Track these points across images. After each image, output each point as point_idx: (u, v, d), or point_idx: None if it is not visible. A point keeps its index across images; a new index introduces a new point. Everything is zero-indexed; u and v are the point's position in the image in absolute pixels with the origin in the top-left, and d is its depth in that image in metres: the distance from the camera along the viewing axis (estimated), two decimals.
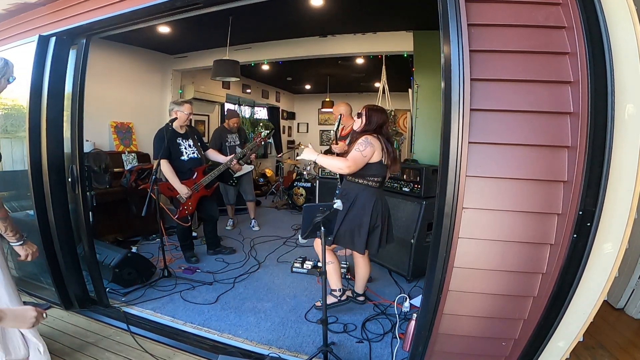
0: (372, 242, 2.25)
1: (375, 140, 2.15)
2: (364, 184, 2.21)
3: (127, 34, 2.33)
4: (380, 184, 2.26)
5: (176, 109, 3.09)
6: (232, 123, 4.29)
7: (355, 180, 2.22)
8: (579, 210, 1.25)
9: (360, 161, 2.10)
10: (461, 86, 1.29)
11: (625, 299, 2.53)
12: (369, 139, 2.13)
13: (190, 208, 3.18)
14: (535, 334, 1.42)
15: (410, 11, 3.27)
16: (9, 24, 2.50)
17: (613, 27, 1.21)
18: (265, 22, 3.66)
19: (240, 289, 2.83)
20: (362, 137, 2.15)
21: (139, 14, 1.98)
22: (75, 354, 1.96)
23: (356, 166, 2.10)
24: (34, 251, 1.69)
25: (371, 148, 2.11)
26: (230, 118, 4.30)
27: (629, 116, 1.21)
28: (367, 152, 2.10)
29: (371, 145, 2.11)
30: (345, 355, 2.03)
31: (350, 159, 2.10)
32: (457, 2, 1.29)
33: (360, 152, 2.10)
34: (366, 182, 2.21)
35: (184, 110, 3.10)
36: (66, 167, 2.28)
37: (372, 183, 2.21)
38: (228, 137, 4.26)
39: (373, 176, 2.20)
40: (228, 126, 4.31)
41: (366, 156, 2.11)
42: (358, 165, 2.10)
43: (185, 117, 3.11)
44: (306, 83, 7.98)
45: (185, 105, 3.14)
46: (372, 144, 2.12)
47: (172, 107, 3.14)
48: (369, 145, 2.11)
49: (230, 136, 4.28)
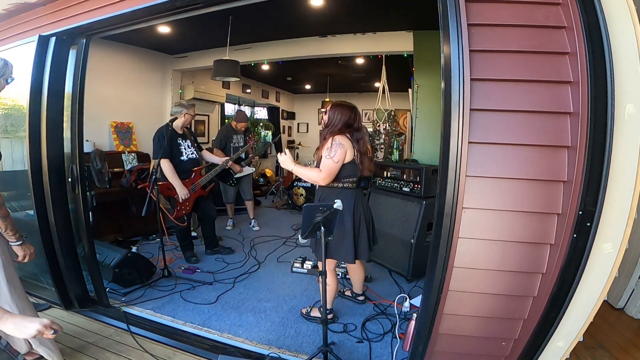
0: (361, 248, 2.15)
1: (345, 140, 2.03)
2: (339, 187, 2.11)
3: (127, 33, 2.33)
4: (357, 184, 2.16)
5: (185, 111, 3.10)
6: (240, 126, 4.29)
7: (331, 185, 2.11)
8: (579, 210, 1.25)
9: (333, 168, 2.01)
10: (461, 86, 1.29)
11: (625, 299, 2.53)
12: (337, 140, 2.02)
13: (187, 208, 3.18)
14: (535, 333, 1.42)
15: (410, 11, 3.27)
16: (9, 24, 2.50)
17: (613, 27, 1.21)
18: (265, 22, 3.67)
19: (240, 289, 2.83)
20: (328, 141, 2.04)
21: (139, 14, 1.98)
22: (75, 354, 1.96)
23: (331, 175, 2.02)
24: (32, 252, 1.69)
25: (341, 150, 2.00)
26: (240, 121, 4.29)
27: (629, 116, 1.21)
28: (338, 156, 2.00)
29: (341, 146, 2.01)
30: (345, 355, 2.03)
31: (323, 170, 2.02)
32: (457, 2, 1.29)
33: (331, 159, 2.00)
34: (342, 185, 2.10)
35: (192, 113, 3.15)
36: (66, 167, 2.28)
37: (347, 184, 2.11)
38: (233, 137, 4.27)
39: (347, 177, 2.09)
40: (235, 127, 4.31)
41: (338, 161, 2.01)
42: (333, 174, 2.03)
43: (191, 119, 3.16)
44: (306, 83, 7.98)
45: (193, 108, 3.18)
46: (341, 144, 2.01)
47: (180, 109, 3.11)
48: (338, 147, 2.00)
49: (235, 137, 4.28)
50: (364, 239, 2.15)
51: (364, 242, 2.16)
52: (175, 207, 3.15)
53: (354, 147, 2.06)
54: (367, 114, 7.97)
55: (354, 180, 2.13)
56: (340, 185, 2.11)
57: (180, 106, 3.15)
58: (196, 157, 3.24)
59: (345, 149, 2.02)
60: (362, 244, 2.15)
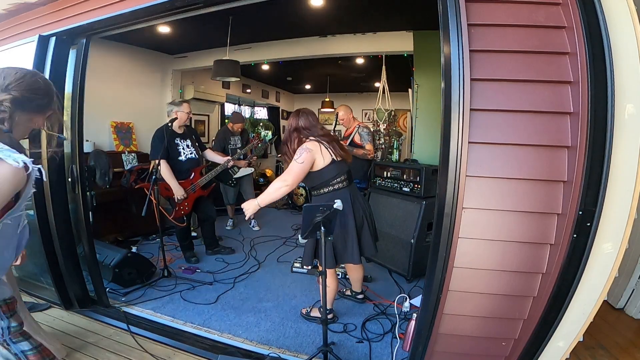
0: (365, 244, 2.14)
1: (313, 144, 2.02)
2: (331, 191, 2.07)
3: (127, 33, 2.33)
4: (348, 181, 2.12)
5: (175, 109, 3.09)
6: (237, 127, 4.29)
7: (322, 192, 2.09)
8: (579, 210, 1.24)
9: (298, 170, 1.97)
10: (461, 86, 1.29)
11: (625, 299, 2.53)
12: (304, 146, 2.01)
13: (187, 208, 3.17)
14: (535, 334, 1.42)
15: (410, 11, 3.26)
16: (9, 24, 2.50)
17: (613, 27, 1.21)
18: (265, 22, 3.66)
19: (240, 289, 2.83)
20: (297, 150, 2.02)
21: (139, 14, 1.98)
22: (75, 354, 1.96)
23: (295, 177, 1.98)
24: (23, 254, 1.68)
25: (308, 154, 1.98)
26: (236, 122, 4.29)
27: (629, 116, 1.21)
28: (304, 158, 1.97)
29: (308, 150, 1.98)
30: (345, 355, 2.03)
31: (286, 172, 1.99)
32: (457, 2, 1.29)
33: (295, 161, 1.98)
34: (332, 188, 2.07)
35: (184, 109, 3.10)
36: (66, 167, 2.28)
37: (338, 185, 2.07)
38: (231, 139, 4.27)
39: (334, 178, 2.06)
40: (232, 129, 4.30)
41: (303, 162, 1.96)
42: (298, 175, 1.98)
43: (186, 116, 3.12)
44: (306, 83, 7.98)
45: (184, 104, 3.14)
46: (309, 149, 1.99)
47: (170, 108, 3.14)
48: (304, 151, 1.98)
49: (232, 138, 4.29)
50: (367, 236, 2.15)
51: (367, 238, 2.15)
52: (174, 207, 3.15)
53: (325, 147, 2.03)
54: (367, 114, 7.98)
55: (344, 179, 2.10)
56: (330, 189, 2.08)
57: (171, 105, 3.15)
58: (196, 157, 3.23)
59: (313, 153, 1.99)
60: (365, 241, 2.15)
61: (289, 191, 2.03)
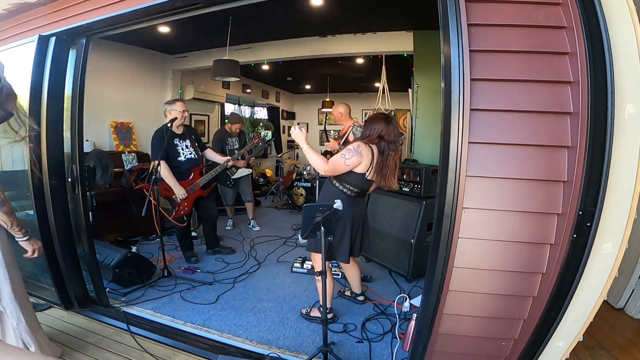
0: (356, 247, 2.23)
1: (367, 151, 2.02)
2: (340, 190, 2.12)
3: (127, 33, 2.33)
4: (358, 195, 2.16)
5: (169, 108, 3.06)
6: (235, 128, 4.29)
7: (334, 183, 2.15)
8: (579, 210, 1.25)
9: (340, 167, 2.02)
10: (461, 86, 1.29)
11: (625, 299, 2.53)
12: (360, 148, 2.00)
13: (187, 208, 3.17)
14: (535, 333, 1.42)
15: (410, 11, 3.26)
16: (9, 24, 2.50)
17: (613, 27, 1.21)
18: (265, 22, 3.66)
19: (240, 289, 2.83)
20: (355, 144, 2.03)
21: (139, 14, 1.98)
22: (75, 354, 1.96)
23: (334, 171, 2.04)
24: (39, 247, 1.70)
25: (357, 158, 2.00)
26: (234, 123, 4.29)
27: (629, 116, 1.21)
28: (352, 161, 2.00)
29: (359, 155, 2.00)
30: (345, 355, 2.03)
31: (330, 162, 2.03)
32: (457, 2, 1.29)
33: (343, 159, 2.00)
34: (343, 189, 2.11)
35: (177, 108, 3.05)
36: (66, 167, 2.28)
37: (348, 192, 2.11)
38: (228, 140, 4.27)
39: (351, 185, 2.10)
40: (229, 130, 4.30)
41: (349, 165, 2.01)
42: (336, 171, 2.04)
43: (181, 115, 3.05)
44: (306, 83, 7.98)
45: (177, 103, 3.08)
46: (360, 153, 2.00)
47: (164, 107, 3.10)
48: (356, 154, 2.00)
49: (230, 139, 4.29)
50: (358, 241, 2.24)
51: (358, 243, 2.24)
52: (174, 207, 3.15)
53: (372, 161, 2.03)
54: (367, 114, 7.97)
55: (356, 191, 2.13)
56: (341, 189, 2.13)
57: (165, 104, 3.13)
58: (195, 157, 3.22)
59: (361, 159, 2.01)
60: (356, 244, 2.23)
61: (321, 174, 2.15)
